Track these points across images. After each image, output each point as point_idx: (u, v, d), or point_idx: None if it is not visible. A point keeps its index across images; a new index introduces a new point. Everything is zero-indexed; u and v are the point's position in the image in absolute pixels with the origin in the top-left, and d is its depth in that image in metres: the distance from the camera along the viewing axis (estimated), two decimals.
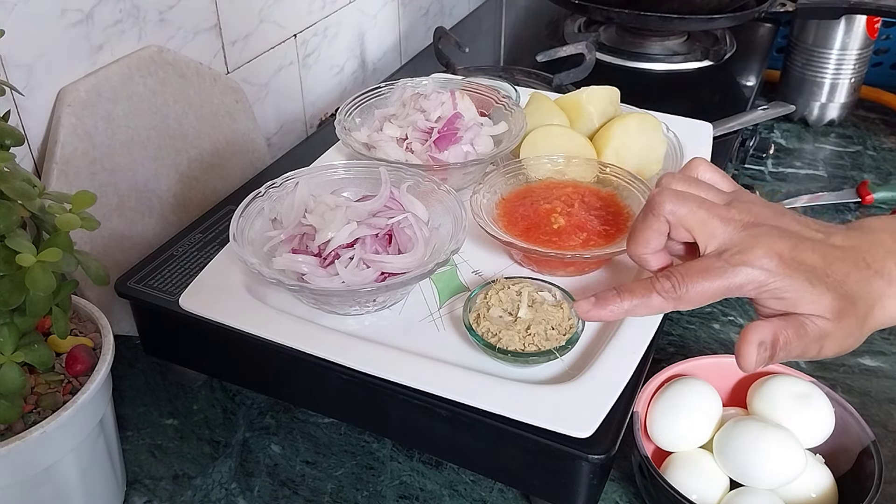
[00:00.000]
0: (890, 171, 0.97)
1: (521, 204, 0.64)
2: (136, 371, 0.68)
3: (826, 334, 0.46)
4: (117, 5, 0.67)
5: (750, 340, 0.45)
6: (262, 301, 0.57)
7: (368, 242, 0.55)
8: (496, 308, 0.55)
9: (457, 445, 0.54)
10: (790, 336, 0.45)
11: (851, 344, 0.47)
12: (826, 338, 0.46)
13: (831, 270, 0.45)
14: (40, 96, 0.62)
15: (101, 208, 0.66)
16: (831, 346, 0.46)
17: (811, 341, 0.46)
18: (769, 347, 0.45)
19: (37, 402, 0.49)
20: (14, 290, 0.43)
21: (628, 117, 0.70)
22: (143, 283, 0.62)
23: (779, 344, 0.45)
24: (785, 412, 0.55)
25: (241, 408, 0.65)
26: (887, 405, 0.65)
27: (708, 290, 0.45)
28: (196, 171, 0.76)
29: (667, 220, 0.47)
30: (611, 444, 0.49)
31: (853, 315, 0.45)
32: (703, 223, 0.46)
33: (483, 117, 0.73)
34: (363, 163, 0.64)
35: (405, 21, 1.15)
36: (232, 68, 0.83)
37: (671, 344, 0.71)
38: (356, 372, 0.52)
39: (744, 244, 0.45)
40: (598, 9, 0.96)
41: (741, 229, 0.46)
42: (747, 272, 0.44)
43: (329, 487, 0.58)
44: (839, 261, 0.46)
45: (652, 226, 0.48)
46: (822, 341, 0.46)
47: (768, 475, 0.52)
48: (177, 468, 0.60)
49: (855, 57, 1.01)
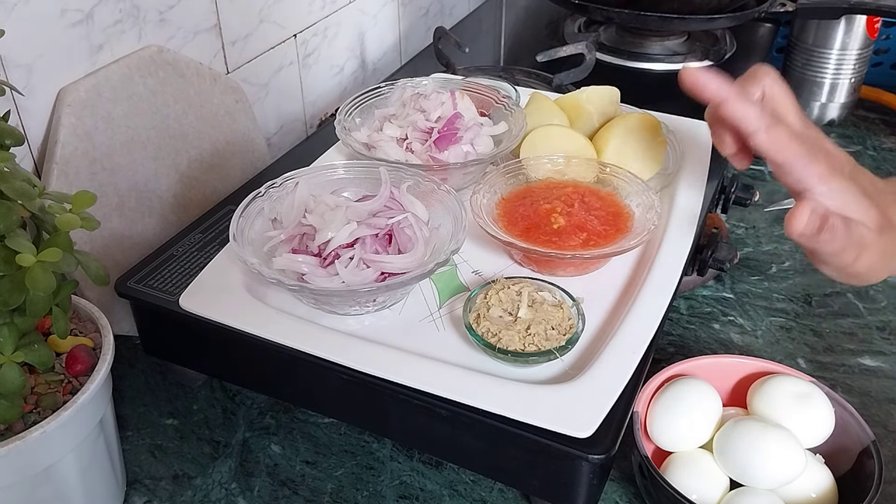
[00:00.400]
0: (890, 171, 0.97)
1: (521, 204, 0.64)
2: (136, 371, 0.68)
3: (866, 244, 0.50)
4: (117, 5, 0.67)
5: (804, 205, 0.49)
6: (262, 301, 0.58)
7: (368, 242, 0.55)
8: (496, 308, 0.55)
9: (457, 445, 0.54)
10: (838, 224, 0.49)
11: (881, 269, 0.52)
12: (865, 247, 0.50)
13: (879, 198, 0.51)
14: (40, 96, 0.62)
15: (101, 208, 0.66)
16: (866, 258, 0.51)
17: (852, 243, 0.50)
18: (819, 219, 0.49)
19: (37, 402, 0.49)
20: (14, 290, 0.43)
21: (628, 117, 0.70)
22: (143, 283, 0.62)
23: (827, 223, 0.49)
24: (785, 412, 0.55)
25: (241, 408, 0.65)
26: (887, 405, 0.65)
27: (789, 146, 0.49)
28: (196, 171, 0.76)
29: (764, 92, 0.52)
30: (611, 444, 0.49)
31: (891, 235, 0.51)
32: (790, 111, 0.52)
33: (483, 117, 0.73)
34: (363, 163, 0.64)
35: (405, 21, 1.15)
36: (232, 68, 0.83)
37: (671, 344, 0.71)
38: (356, 372, 0.52)
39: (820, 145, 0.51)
40: (598, 9, 0.96)
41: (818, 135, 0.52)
42: (825, 163, 0.49)
43: (329, 487, 0.58)
44: (885, 194, 0.52)
45: (748, 89, 0.52)
46: (860, 249, 0.50)
47: (768, 475, 0.52)
48: (177, 468, 0.60)
49: (855, 57, 1.01)
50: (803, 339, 0.71)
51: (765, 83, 0.52)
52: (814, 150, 0.50)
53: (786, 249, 0.83)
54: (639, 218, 0.62)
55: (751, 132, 0.50)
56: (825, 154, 0.50)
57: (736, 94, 0.50)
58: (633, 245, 0.59)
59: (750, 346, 0.71)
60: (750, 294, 0.77)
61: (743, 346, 0.71)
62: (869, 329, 0.72)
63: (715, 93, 0.50)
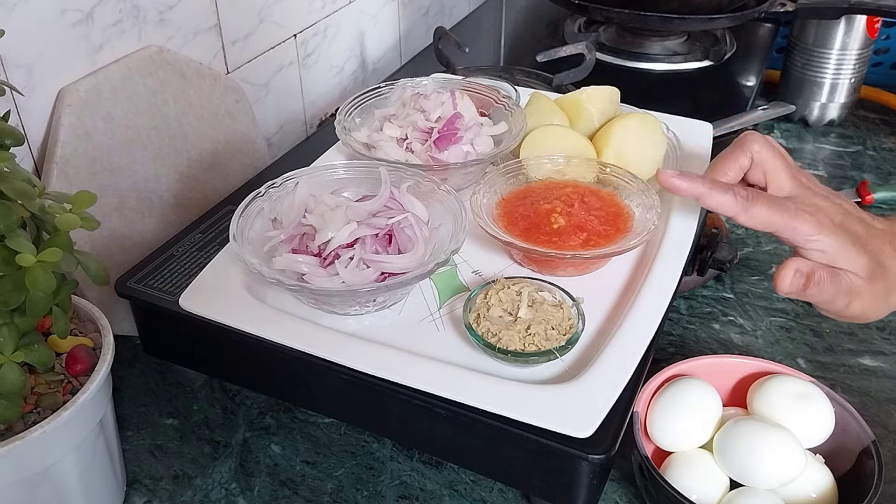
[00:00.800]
0: (890, 171, 0.97)
1: (521, 204, 0.64)
2: (136, 371, 0.68)
3: (857, 291, 0.53)
4: (117, 5, 0.67)
5: (789, 265, 0.53)
6: (262, 301, 0.57)
7: (368, 242, 0.55)
8: (496, 308, 0.55)
9: (457, 445, 0.54)
10: (825, 277, 0.52)
11: (875, 311, 0.54)
12: (856, 294, 0.53)
13: (870, 243, 0.53)
14: (40, 96, 0.62)
15: (101, 208, 0.66)
16: (859, 304, 0.53)
17: (842, 292, 0.52)
18: (804, 277, 0.52)
19: (37, 402, 0.49)
20: (14, 290, 0.43)
21: (628, 117, 0.70)
22: (143, 283, 0.62)
23: (813, 279, 0.52)
24: (785, 412, 0.55)
25: (241, 408, 0.65)
26: (887, 405, 0.65)
27: (770, 218, 0.53)
28: (196, 171, 0.76)
29: (752, 157, 0.55)
30: (611, 444, 0.49)
31: (883, 281, 0.53)
32: (780, 171, 0.55)
33: (483, 117, 0.73)
34: (363, 163, 0.64)
35: (405, 21, 1.15)
36: (232, 68, 0.83)
37: (671, 344, 0.71)
38: (356, 372, 0.52)
39: (808, 201, 0.54)
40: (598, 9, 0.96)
41: (807, 190, 0.55)
42: (807, 220, 0.52)
43: (329, 487, 0.58)
44: (878, 238, 0.54)
45: (738, 158, 0.56)
46: (851, 296, 0.53)
47: (768, 475, 0.52)
48: (177, 468, 0.60)
49: (855, 57, 1.01)
50: (803, 339, 0.71)
51: (753, 149, 0.56)
52: (798, 211, 0.53)
53: (786, 249, 0.83)
54: (639, 218, 0.62)
55: (732, 216, 0.54)
56: (812, 211, 0.53)
57: (709, 187, 0.54)
58: (633, 245, 0.59)
59: (750, 346, 0.71)
60: (750, 294, 0.77)
61: (743, 346, 0.71)
62: (869, 329, 0.72)
63: (689, 192, 0.55)
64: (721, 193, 0.53)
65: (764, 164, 0.55)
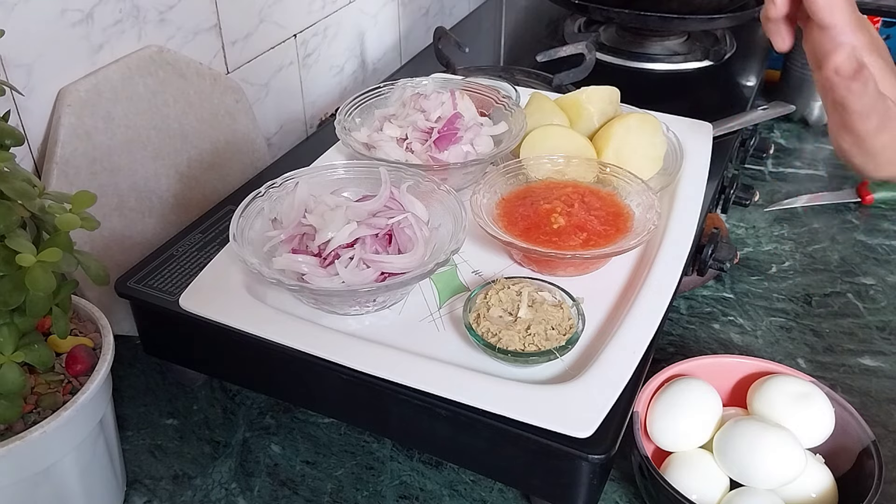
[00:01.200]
0: None
1: (521, 204, 0.64)
2: (136, 371, 0.68)
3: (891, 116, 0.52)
4: (117, 5, 0.67)
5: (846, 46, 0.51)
6: (262, 301, 0.57)
7: (368, 242, 0.55)
8: (496, 308, 0.55)
9: (457, 445, 0.54)
10: (871, 81, 0.51)
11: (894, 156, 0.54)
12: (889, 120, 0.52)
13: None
14: (40, 96, 0.62)
15: (101, 208, 0.66)
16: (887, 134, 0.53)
17: (878, 110, 0.52)
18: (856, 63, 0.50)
19: (37, 402, 0.49)
20: (14, 290, 0.43)
21: (628, 117, 0.70)
22: (143, 283, 0.62)
23: (865, 71, 0.50)
24: (785, 412, 0.55)
25: (241, 408, 0.65)
26: (887, 405, 0.65)
27: (844, 6, 0.51)
28: (196, 171, 0.76)
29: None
30: (611, 444, 0.49)
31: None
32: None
33: (483, 117, 0.73)
34: (363, 163, 0.64)
35: (405, 21, 1.15)
36: (232, 68, 0.83)
37: (671, 344, 0.71)
38: (356, 372, 0.52)
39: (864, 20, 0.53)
40: (598, 9, 0.96)
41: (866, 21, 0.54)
42: (868, 35, 0.53)
43: (329, 487, 0.58)
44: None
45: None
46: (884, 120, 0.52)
47: (768, 475, 0.52)
48: (177, 468, 0.60)
49: None
50: (803, 339, 0.71)
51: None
52: (861, 23, 0.53)
53: (786, 249, 0.83)
54: (639, 218, 0.62)
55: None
56: (868, 29, 0.53)
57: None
58: (633, 245, 0.59)
59: (750, 346, 0.71)
60: (750, 294, 0.77)
61: (743, 346, 0.71)
62: (869, 329, 0.72)
63: None
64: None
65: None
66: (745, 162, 0.96)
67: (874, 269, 0.80)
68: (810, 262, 0.81)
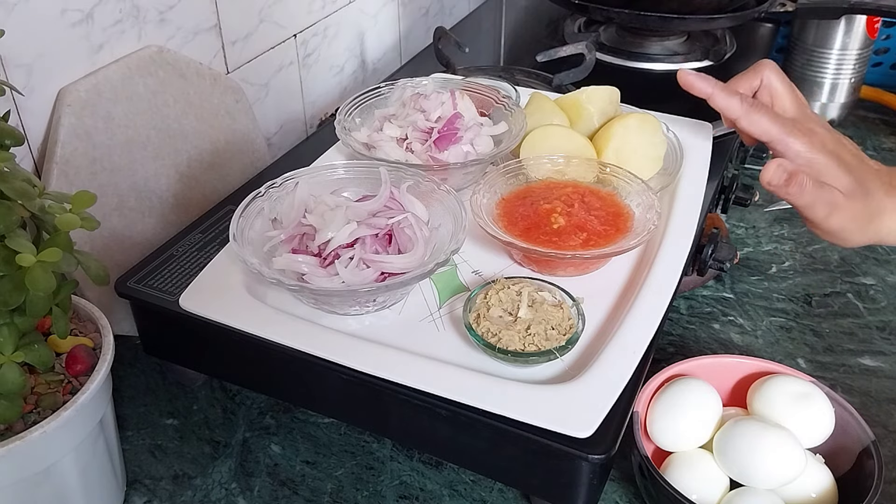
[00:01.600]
0: None
1: (521, 204, 0.64)
2: (136, 371, 0.68)
3: (837, 204, 0.56)
4: (117, 5, 0.67)
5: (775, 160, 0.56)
6: (262, 301, 0.57)
7: (368, 242, 0.55)
8: (496, 308, 0.55)
9: (457, 445, 0.54)
10: (807, 182, 0.55)
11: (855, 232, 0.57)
12: (836, 207, 0.56)
13: (859, 169, 0.57)
14: (40, 96, 0.62)
15: (101, 208, 0.66)
16: (838, 218, 0.56)
17: (823, 201, 0.56)
18: (787, 174, 0.55)
19: (37, 402, 0.49)
20: (14, 290, 0.43)
21: (628, 117, 0.70)
22: (143, 283, 0.62)
23: (796, 178, 0.55)
24: (785, 412, 0.55)
25: (241, 408, 0.65)
26: (887, 405, 0.65)
27: (768, 127, 0.58)
28: (196, 171, 0.76)
29: (762, 80, 0.61)
30: (611, 444, 0.49)
31: (864, 202, 0.56)
32: (786, 96, 0.60)
33: (483, 117, 0.73)
34: (363, 163, 0.64)
35: (405, 21, 1.15)
36: (232, 68, 0.82)
37: (671, 344, 0.71)
38: (356, 372, 0.52)
39: (806, 125, 0.58)
40: (598, 9, 0.96)
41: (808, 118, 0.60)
42: (801, 138, 0.57)
43: (329, 487, 0.58)
44: (867, 170, 0.58)
45: (749, 79, 0.61)
46: (831, 208, 0.56)
47: (768, 475, 0.52)
48: (177, 468, 0.60)
49: (855, 57, 1.01)
50: (803, 339, 0.71)
51: (763, 74, 0.61)
52: (795, 130, 0.57)
53: (786, 249, 0.83)
54: (639, 218, 0.62)
55: (735, 119, 0.59)
56: (808, 132, 0.58)
57: (720, 89, 0.60)
58: (633, 245, 0.59)
59: (750, 346, 0.71)
60: (750, 294, 0.77)
61: (743, 346, 0.71)
62: (869, 329, 0.72)
63: (702, 90, 0.60)
64: (729, 96, 0.59)
65: (772, 87, 0.61)
66: (745, 162, 0.96)
67: (874, 269, 0.80)
68: (810, 262, 0.81)
